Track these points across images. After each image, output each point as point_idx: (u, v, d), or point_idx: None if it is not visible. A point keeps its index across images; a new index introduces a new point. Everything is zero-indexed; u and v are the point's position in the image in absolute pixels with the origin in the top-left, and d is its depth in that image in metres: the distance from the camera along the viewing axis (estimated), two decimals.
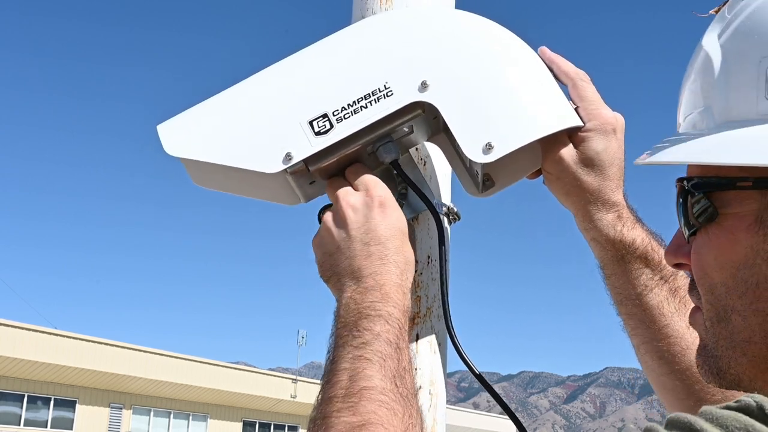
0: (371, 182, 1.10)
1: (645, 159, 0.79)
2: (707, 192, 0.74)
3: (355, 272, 1.05)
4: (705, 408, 0.63)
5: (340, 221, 1.08)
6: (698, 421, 0.61)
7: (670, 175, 0.83)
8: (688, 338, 1.13)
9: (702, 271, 0.76)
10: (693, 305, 1.16)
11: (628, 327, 1.18)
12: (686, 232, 0.78)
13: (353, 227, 1.07)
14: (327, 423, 0.92)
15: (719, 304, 0.75)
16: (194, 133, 1.15)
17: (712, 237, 0.74)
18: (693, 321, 0.81)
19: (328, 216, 1.11)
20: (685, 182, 0.77)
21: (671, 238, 0.83)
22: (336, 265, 1.07)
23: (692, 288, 0.80)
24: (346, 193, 1.10)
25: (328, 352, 1.02)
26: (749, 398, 0.62)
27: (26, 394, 26.48)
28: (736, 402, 0.62)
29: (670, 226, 0.83)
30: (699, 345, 0.79)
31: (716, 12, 0.79)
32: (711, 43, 0.77)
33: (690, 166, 0.79)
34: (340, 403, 0.93)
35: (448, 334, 1.15)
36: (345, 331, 1.01)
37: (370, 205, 1.08)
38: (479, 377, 1.14)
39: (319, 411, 0.95)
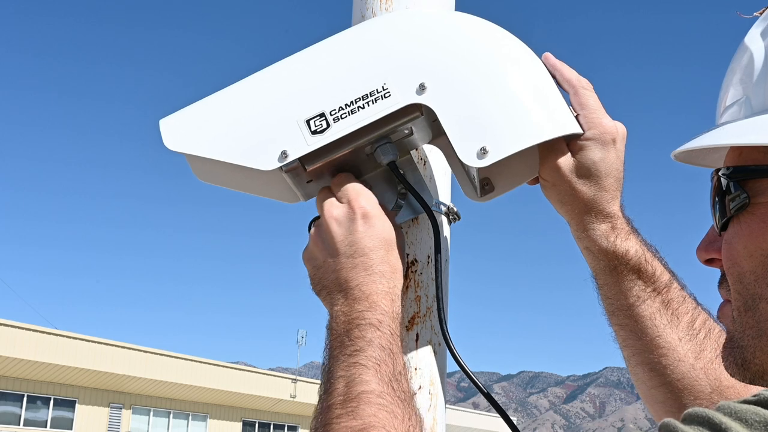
0: (353, 194, 1.10)
1: (675, 151, 0.81)
2: (741, 180, 0.75)
3: (342, 285, 1.06)
4: (722, 402, 0.63)
5: (325, 235, 1.10)
6: (717, 415, 0.61)
7: (701, 176, 0.82)
8: (680, 350, 1.12)
9: (731, 261, 0.76)
10: (684, 313, 1.16)
11: (619, 338, 1.18)
12: (719, 224, 0.78)
13: (337, 240, 1.08)
14: (328, 430, 0.92)
15: (747, 293, 0.75)
16: (194, 129, 1.16)
17: (744, 226, 0.75)
18: (721, 314, 0.81)
19: (314, 230, 1.12)
20: (719, 172, 0.77)
21: (703, 236, 0.83)
22: (324, 279, 1.09)
23: (721, 282, 0.80)
24: (330, 206, 1.11)
25: (323, 364, 1.02)
26: (767, 392, 0.62)
27: (26, 394, 26.47)
28: (754, 396, 0.62)
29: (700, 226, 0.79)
30: (726, 338, 0.79)
31: (761, 14, 0.82)
32: (754, 40, 0.79)
33: (726, 157, 0.79)
34: (339, 410, 0.93)
35: (443, 339, 1.14)
36: (337, 342, 1.01)
37: (353, 217, 1.08)
38: (476, 383, 1.13)
39: (319, 420, 0.96)
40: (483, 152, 1.07)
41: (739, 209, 0.75)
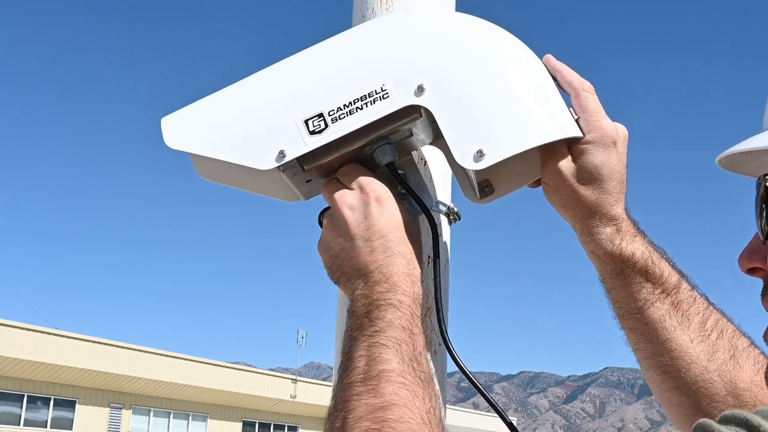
0: (364, 180, 1.10)
1: (720, 155, 0.78)
2: None
3: (362, 269, 1.05)
4: (763, 407, 0.63)
5: (340, 222, 1.09)
6: (755, 418, 0.61)
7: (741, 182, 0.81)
8: (692, 352, 1.11)
9: None
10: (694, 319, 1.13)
11: (630, 342, 1.16)
12: (764, 231, 0.75)
13: (353, 225, 1.07)
14: (348, 407, 0.92)
15: None
16: (194, 128, 1.16)
17: None
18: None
19: (327, 219, 1.11)
20: (766, 177, 0.75)
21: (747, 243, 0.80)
22: (343, 266, 1.08)
23: (765, 293, 0.77)
24: (342, 194, 1.10)
25: (343, 344, 1.02)
26: None
27: (26, 394, 26.47)
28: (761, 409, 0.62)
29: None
30: None
31: None
32: None
33: None
34: (360, 387, 0.93)
35: (443, 341, 1.14)
36: (357, 323, 1.01)
37: (367, 201, 1.08)
38: (476, 385, 1.12)
39: (338, 397, 0.96)
40: (480, 155, 1.06)
41: None
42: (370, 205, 1.07)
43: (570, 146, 1.11)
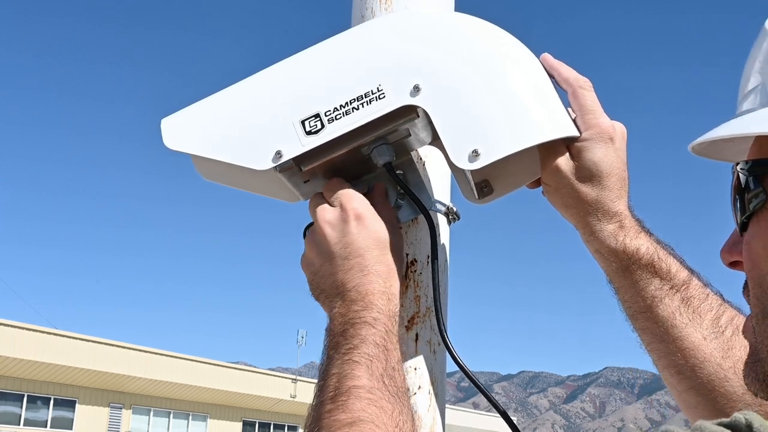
0: (345, 196, 1.11)
1: (692, 143, 0.75)
2: (759, 176, 0.70)
3: (339, 287, 1.06)
4: (698, 422, 0.62)
5: (319, 239, 1.10)
6: None
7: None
8: (704, 350, 1.08)
9: (751, 263, 0.71)
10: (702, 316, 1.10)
11: (644, 343, 1.14)
12: (739, 224, 0.73)
13: (332, 243, 1.08)
14: (319, 424, 0.93)
15: (767, 298, 0.69)
16: (193, 129, 1.16)
17: (762, 225, 0.70)
18: (745, 329, 0.76)
19: (309, 236, 1.13)
20: (738, 166, 0.73)
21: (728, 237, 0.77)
22: (321, 283, 1.09)
23: (746, 287, 0.74)
24: (322, 210, 1.11)
25: (321, 364, 1.03)
26: (741, 415, 0.60)
27: (26, 394, 26.46)
28: (732, 418, 0.61)
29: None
30: (748, 353, 0.73)
31: None
32: None
33: (750, 150, 0.74)
34: (330, 404, 0.94)
35: (441, 340, 1.14)
36: (333, 342, 1.02)
37: (346, 219, 1.08)
38: (477, 384, 1.12)
39: (312, 416, 0.97)
40: (474, 155, 1.05)
41: (758, 208, 0.70)
42: (349, 223, 1.08)
43: (568, 145, 1.11)
